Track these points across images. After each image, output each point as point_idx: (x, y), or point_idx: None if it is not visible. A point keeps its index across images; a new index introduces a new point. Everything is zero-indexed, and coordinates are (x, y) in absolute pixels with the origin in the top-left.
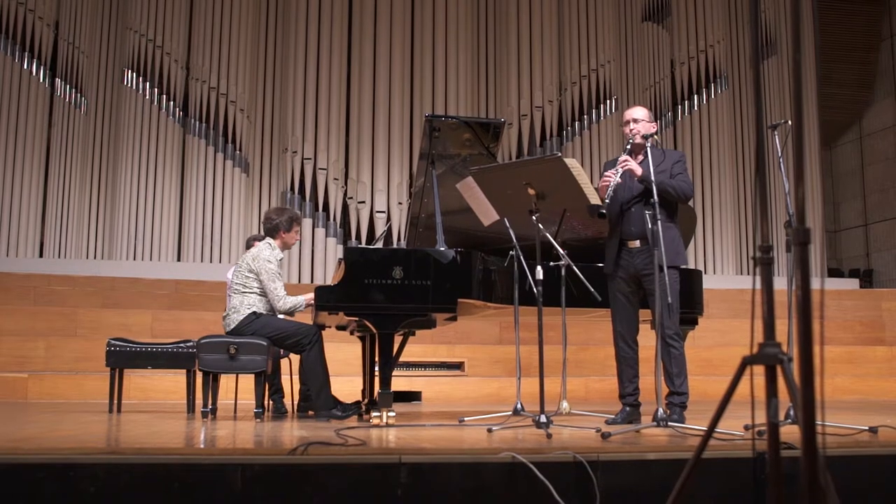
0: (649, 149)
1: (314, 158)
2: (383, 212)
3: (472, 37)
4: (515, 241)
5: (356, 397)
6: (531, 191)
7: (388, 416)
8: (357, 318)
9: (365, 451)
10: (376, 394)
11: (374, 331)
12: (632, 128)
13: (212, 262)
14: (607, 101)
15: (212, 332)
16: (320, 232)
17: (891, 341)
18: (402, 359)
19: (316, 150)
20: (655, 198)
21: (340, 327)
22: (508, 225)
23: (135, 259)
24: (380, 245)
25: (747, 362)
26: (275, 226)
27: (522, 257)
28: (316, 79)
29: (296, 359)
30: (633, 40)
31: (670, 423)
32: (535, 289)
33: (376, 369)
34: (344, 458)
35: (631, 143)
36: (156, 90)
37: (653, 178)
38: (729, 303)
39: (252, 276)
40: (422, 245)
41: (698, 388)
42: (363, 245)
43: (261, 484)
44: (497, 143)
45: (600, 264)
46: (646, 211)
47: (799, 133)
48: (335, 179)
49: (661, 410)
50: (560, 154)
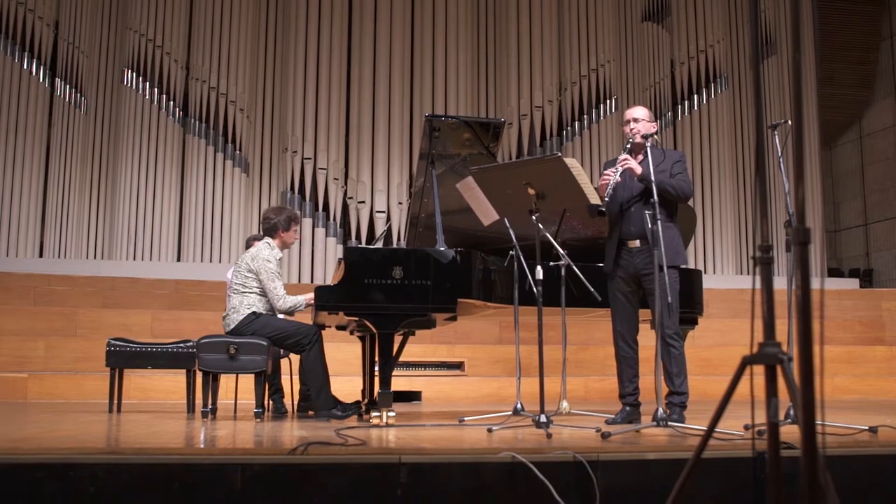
0: (649, 148)
1: (314, 158)
2: (383, 212)
3: (472, 37)
4: (515, 241)
5: (356, 397)
6: (531, 191)
7: (388, 416)
8: (357, 318)
9: (365, 451)
10: (376, 394)
11: (374, 331)
12: (632, 127)
13: (212, 262)
14: (607, 101)
15: (212, 332)
16: (320, 232)
17: (891, 341)
18: (402, 359)
19: (316, 149)
20: (655, 197)
21: (340, 327)
22: (508, 225)
23: (135, 259)
24: (380, 245)
25: (747, 362)
26: (273, 225)
27: (522, 257)
28: (316, 79)
29: (296, 359)
30: (633, 40)
31: (670, 423)
32: (535, 289)
33: (376, 369)
34: (344, 458)
35: (631, 142)
36: (156, 90)
37: (653, 177)
38: (729, 302)
39: (251, 275)
40: (422, 245)
41: (698, 387)
42: (363, 245)
43: (261, 484)
44: (497, 142)
45: (600, 264)
46: (645, 211)
47: (799, 133)
48: (335, 179)
49: (660, 410)
50: (560, 154)
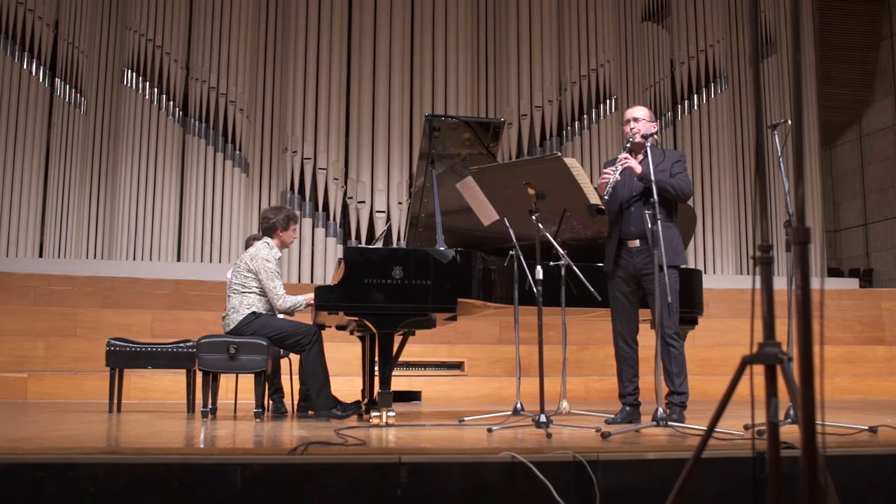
0: (649, 148)
1: (314, 158)
2: (383, 212)
3: (472, 37)
4: (515, 240)
5: (356, 397)
6: (531, 190)
7: (388, 416)
8: (357, 318)
9: (365, 451)
10: (376, 394)
11: (374, 330)
12: (632, 127)
13: (212, 262)
14: (607, 101)
15: (211, 331)
16: (320, 232)
17: (890, 341)
18: (402, 359)
19: (316, 149)
20: (655, 197)
21: (340, 327)
22: (508, 225)
23: (135, 259)
24: (380, 245)
25: (747, 362)
26: (272, 225)
27: (522, 257)
28: (316, 79)
29: (296, 359)
30: (633, 40)
31: (670, 423)
32: (534, 288)
33: (376, 369)
34: (344, 457)
35: (631, 141)
36: (156, 90)
37: (652, 176)
38: (729, 302)
39: (251, 275)
40: (422, 245)
41: (698, 387)
42: (363, 245)
43: (261, 484)
44: (497, 142)
45: (600, 264)
46: (645, 210)
47: (799, 133)
48: (335, 179)
49: (660, 410)
50: (560, 154)
